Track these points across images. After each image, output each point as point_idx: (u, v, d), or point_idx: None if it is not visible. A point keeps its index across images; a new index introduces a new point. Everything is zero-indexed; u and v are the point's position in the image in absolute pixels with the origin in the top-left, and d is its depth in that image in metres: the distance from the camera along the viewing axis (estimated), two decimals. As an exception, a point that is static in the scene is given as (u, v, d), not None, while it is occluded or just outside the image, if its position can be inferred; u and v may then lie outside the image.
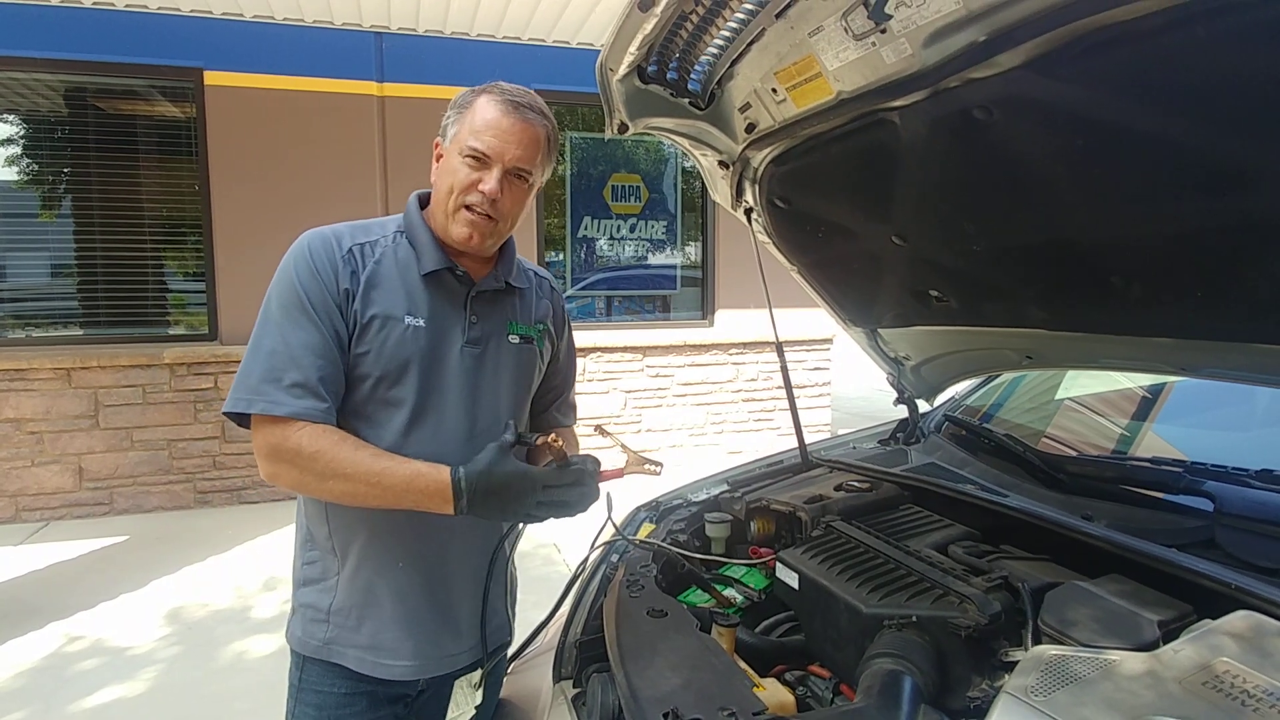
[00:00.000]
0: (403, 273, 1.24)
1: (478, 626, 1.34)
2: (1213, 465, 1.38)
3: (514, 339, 1.34)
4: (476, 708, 1.36)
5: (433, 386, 1.24)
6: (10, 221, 5.06)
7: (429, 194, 1.33)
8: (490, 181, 1.20)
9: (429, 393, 1.23)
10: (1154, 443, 1.78)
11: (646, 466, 1.30)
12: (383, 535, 1.24)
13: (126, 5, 4.80)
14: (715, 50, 1.34)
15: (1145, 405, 1.92)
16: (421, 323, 1.22)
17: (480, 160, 1.20)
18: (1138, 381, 1.96)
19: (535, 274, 1.45)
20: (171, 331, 5.29)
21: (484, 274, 1.31)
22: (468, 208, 1.21)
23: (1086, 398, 2.06)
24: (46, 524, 4.74)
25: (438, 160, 1.27)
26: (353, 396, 1.21)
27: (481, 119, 1.20)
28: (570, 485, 1.12)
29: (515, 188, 1.23)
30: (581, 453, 1.24)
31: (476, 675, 1.34)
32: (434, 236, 1.27)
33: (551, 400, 1.51)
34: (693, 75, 1.43)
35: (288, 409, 1.12)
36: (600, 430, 1.44)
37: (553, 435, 1.16)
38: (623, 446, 1.36)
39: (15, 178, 5.07)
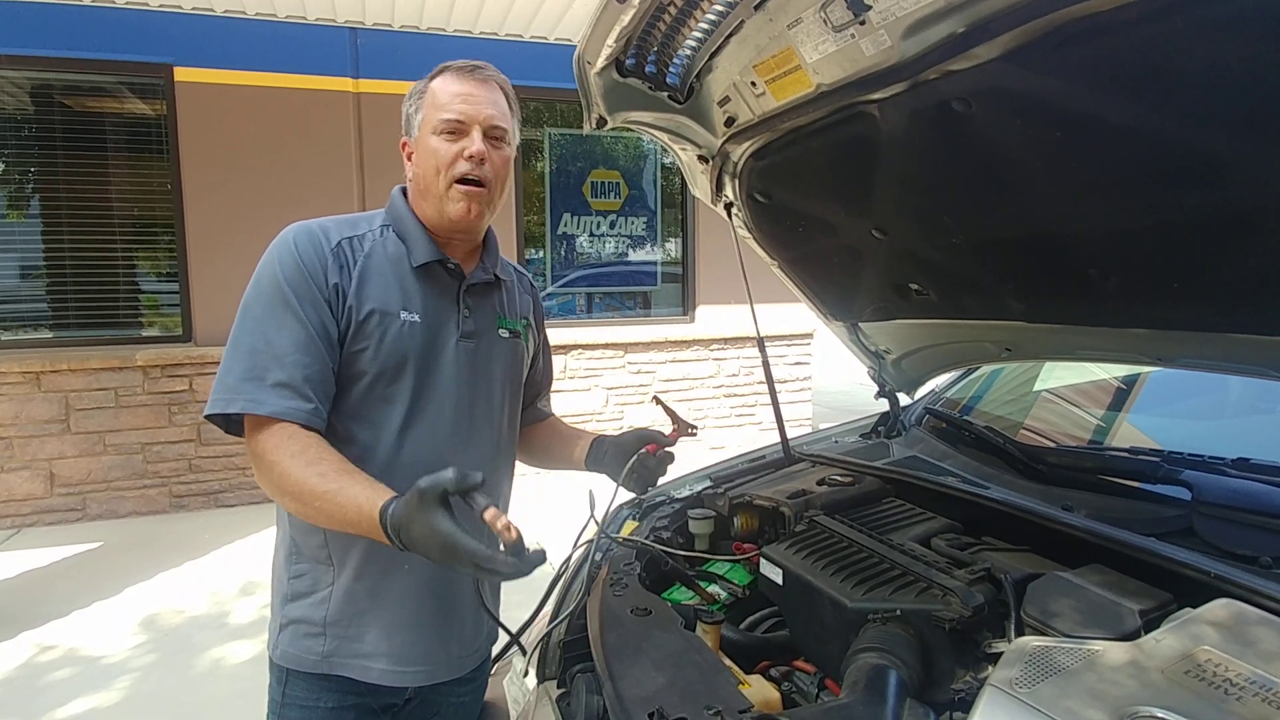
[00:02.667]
0: (394, 266, 1.22)
1: (480, 627, 1.34)
2: (1189, 454, 1.39)
3: (504, 333, 1.33)
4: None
5: (429, 383, 1.21)
6: (-26, 222, 4.93)
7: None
8: (475, 143, 1.19)
9: (425, 389, 1.21)
10: (1129, 433, 1.80)
11: (690, 431, 1.43)
12: None
13: (93, 0, 4.70)
14: (694, 43, 1.33)
15: (1120, 396, 1.94)
16: (416, 318, 1.20)
17: (457, 129, 1.19)
18: (1112, 372, 1.98)
19: (515, 269, 1.46)
20: (144, 333, 5.18)
21: (473, 266, 1.30)
22: (460, 181, 1.19)
23: (1063, 389, 2.08)
24: (17, 531, 4.64)
25: (409, 158, 1.26)
26: (349, 395, 1.18)
27: (445, 93, 1.20)
28: (508, 574, 0.91)
29: (496, 150, 1.23)
30: (525, 540, 0.94)
31: (518, 663, 1.29)
32: (423, 227, 1.25)
33: (535, 395, 1.52)
34: (671, 68, 1.42)
35: (269, 408, 1.08)
36: (658, 400, 1.59)
37: (504, 522, 0.92)
38: (672, 415, 1.45)
39: (-21, 177, 4.95)
